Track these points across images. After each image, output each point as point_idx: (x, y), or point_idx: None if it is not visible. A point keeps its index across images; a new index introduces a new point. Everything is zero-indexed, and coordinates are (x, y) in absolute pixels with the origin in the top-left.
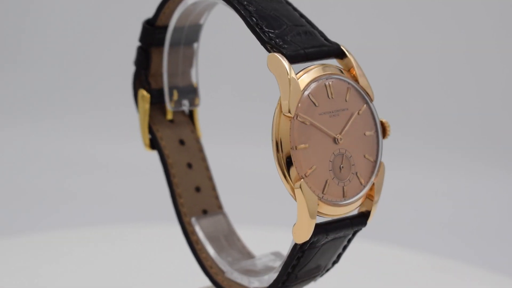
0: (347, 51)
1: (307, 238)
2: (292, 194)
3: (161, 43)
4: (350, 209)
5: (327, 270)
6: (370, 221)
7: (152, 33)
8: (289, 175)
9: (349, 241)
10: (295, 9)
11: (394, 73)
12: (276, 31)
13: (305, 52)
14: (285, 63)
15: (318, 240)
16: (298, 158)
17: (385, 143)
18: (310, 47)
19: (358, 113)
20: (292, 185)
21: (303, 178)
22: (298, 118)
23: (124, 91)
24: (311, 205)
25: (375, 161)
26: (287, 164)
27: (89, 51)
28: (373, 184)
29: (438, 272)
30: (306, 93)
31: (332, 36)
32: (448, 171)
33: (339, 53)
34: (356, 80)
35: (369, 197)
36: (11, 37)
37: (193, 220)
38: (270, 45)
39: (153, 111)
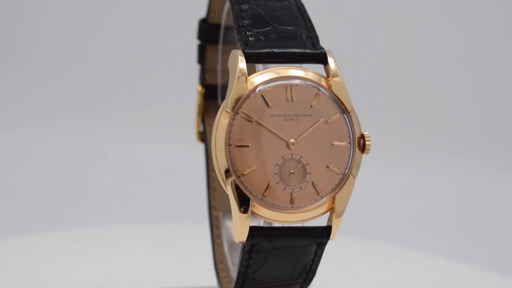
0: (332, 58)
1: (243, 239)
2: (225, 189)
3: (216, 41)
4: (302, 218)
5: (305, 281)
6: (333, 235)
7: (205, 30)
8: (221, 170)
9: (316, 253)
10: (301, 12)
11: (395, 71)
12: (256, 30)
13: (272, 53)
14: (240, 60)
15: (261, 244)
16: (236, 156)
17: (385, 144)
18: (283, 49)
19: (326, 122)
20: (224, 181)
21: (239, 176)
22: (242, 116)
23: (133, 92)
24: (242, 205)
25: (342, 174)
26: (219, 159)
27: (101, 52)
28: (334, 197)
29: (438, 272)
30: (258, 92)
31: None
32: (446, 171)
33: (320, 59)
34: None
35: (332, 211)
36: (21, 38)
37: (220, 215)
38: (240, 42)
39: (213, 106)
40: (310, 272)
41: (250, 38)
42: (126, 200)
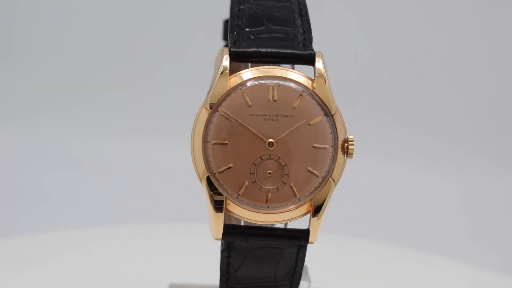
0: (320, 59)
1: (218, 236)
2: (201, 185)
3: None
4: (279, 219)
5: (292, 285)
6: (312, 239)
7: None
8: (198, 167)
9: (298, 256)
10: (302, 14)
11: (401, 68)
12: (248, 29)
13: (259, 52)
14: (224, 58)
15: (238, 242)
16: (213, 153)
17: (389, 143)
18: (270, 49)
19: (309, 124)
20: (200, 177)
21: (215, 173)
22: (221, 113)
23: (129, 90)
24: (216, 202)
25: (323, 177)
26: (196, 156)
27: (94, 48)
28: (311, 200)
29: (439, 272)
30: (239, 90)
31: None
32: (448, 170)
33: (307, 60)
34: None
35: (311, 214)
36: (13, 35)
37: None
38: (229, 41)
39: None
40: (295, 276)
41: (240, 37)
42: (127, 200)
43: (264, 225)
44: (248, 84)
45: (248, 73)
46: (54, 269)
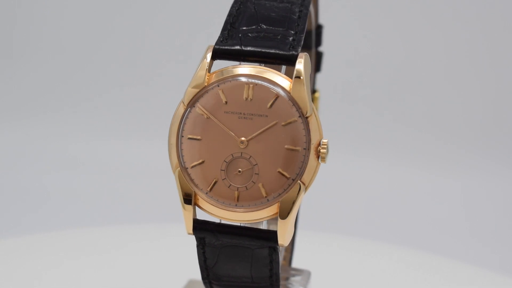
0: (302, 61)
1: (189, 230)
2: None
3: None
4: (248, 218)
5: (273, 286)
6: (282, 241)
7: None
8: (172, 160)
9: (272, 257)
10: (300, 15)
11: (397, 69)
12: (239, 28)
13: (242, 51)
14: (207, 55)
15: (208, 238)
16: (186, 148)
17: (387, 143)
18: (254, 48)
19: (282, 124)
20: (173, 170)
21: (187, 168)
22: (197, 109)
23: (129, 90)
24: (185, 196)
25: (292, 179)
26: (171, 150)
27: (94, 48)
28: (279, 201)
29: (439, 271)
30: (216, 87)
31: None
32: (447, 170)
33: (289, 61)
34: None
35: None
36: (13, 35)
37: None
38: (218, 38)
39: None
40: (272, 277)
41: (229, 35)
42: (127, 200)
43: (241, 224)
44: (226, 81)
45: (229, 71)
46: (53, 268)
